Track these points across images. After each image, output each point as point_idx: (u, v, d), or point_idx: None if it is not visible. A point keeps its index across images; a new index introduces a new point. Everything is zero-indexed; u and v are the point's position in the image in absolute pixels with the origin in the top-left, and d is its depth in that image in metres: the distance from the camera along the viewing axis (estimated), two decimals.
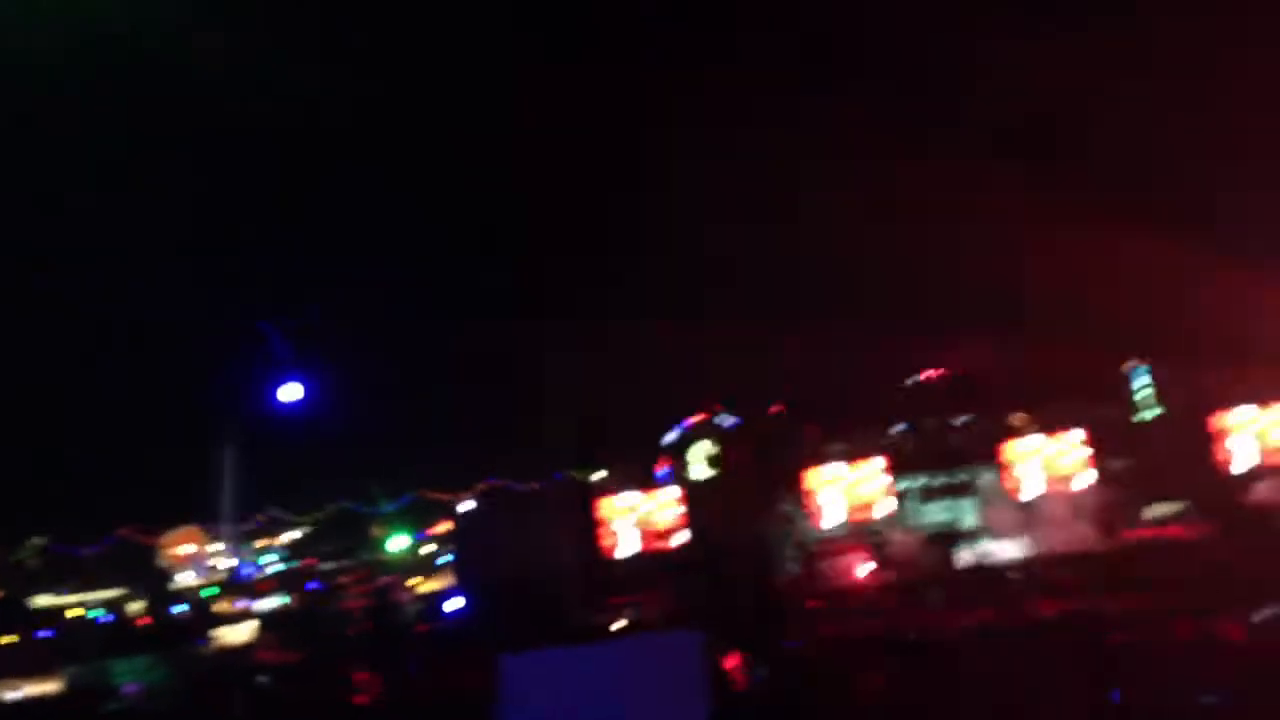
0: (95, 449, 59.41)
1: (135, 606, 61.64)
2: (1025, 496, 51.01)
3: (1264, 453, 49.94)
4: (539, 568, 50.41)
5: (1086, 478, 50.66)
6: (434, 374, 66.05)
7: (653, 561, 52.80)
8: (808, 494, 53.22)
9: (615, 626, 48.80)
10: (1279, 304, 47.08)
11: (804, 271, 64.01)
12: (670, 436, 67.66)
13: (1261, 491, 47.46)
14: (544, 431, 66.03)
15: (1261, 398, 50.39)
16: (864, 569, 50.42)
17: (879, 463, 53.31)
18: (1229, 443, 49.85)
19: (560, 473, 67.17)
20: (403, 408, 64.58)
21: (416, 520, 62.88)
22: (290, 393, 30.42)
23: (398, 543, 61.11)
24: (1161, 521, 47.52)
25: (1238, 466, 49.62)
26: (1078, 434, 51.79)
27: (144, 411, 60.80)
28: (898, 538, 51.41)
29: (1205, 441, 49.63)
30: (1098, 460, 50.98)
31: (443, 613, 48.52)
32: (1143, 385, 56.67)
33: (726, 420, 67.28)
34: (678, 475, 64.88)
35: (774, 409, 65.34)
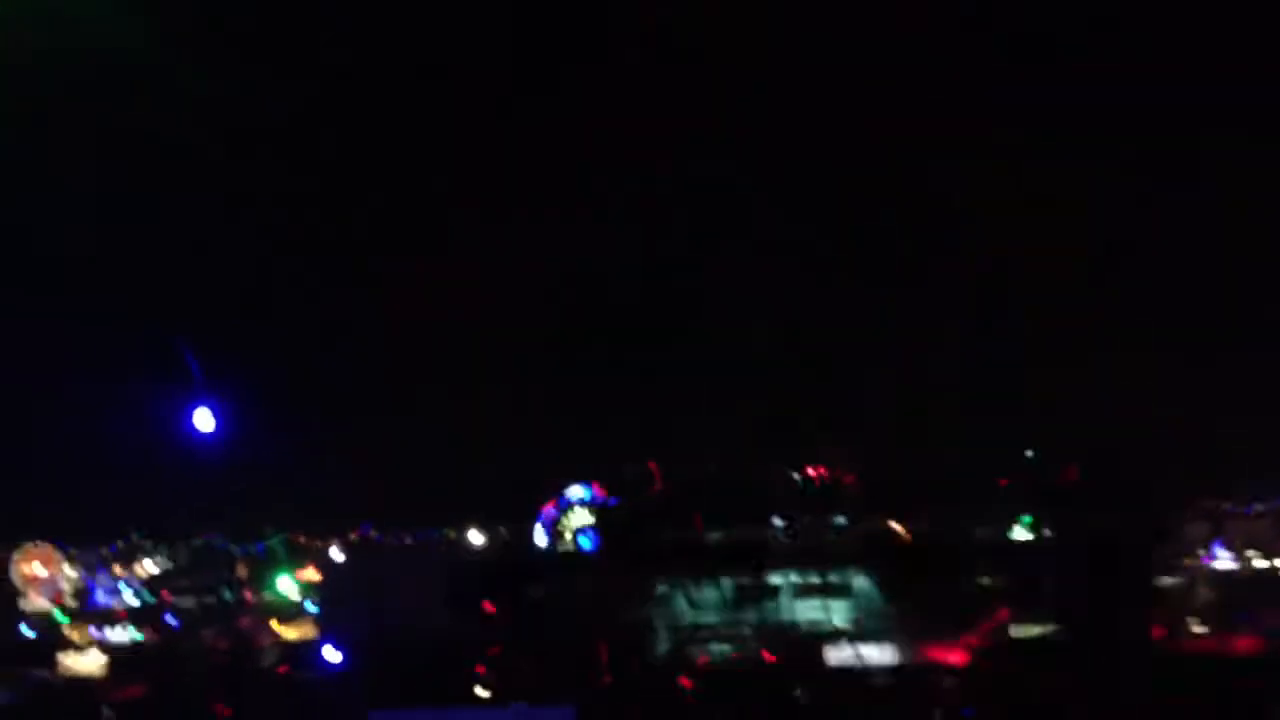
0: None
1: None
2: (898, 602, 51.92)
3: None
4: (409, 624, 49.78)
5: (959, 589, 51.78)
6: (315, 414, 64.97)
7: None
8: (681, 578, 53.43)
9: (482, 691, 48.55)
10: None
11: (693, 358, 65.13)
12: (550, 508, 67.59)
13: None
14: (421, 486, 65.39)
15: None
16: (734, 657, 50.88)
17: (755, 555, 53.83)
18: (1108, 568, 51.23)
19: (435, 530, 66.56)
20: (278, 447, 63.30)
21: (291, 564, 61.46)
22: (203, 420, 29.37)
23: (284, 583, 59.58)
24: (1030, 640, 48.90)
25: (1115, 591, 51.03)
26: (952, 546, 52.95)
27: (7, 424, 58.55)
28: (769, 630, 51.92)
29: (1082, 565, 50.96)
30: (970, 573, 52.14)
31: (308, 660, 47.51)
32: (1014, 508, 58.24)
33: (607, 497, 67.48)
34: (555, 546, 64.75)
35: (655, 489, 65.76)
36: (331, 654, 44.98)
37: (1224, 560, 57.52)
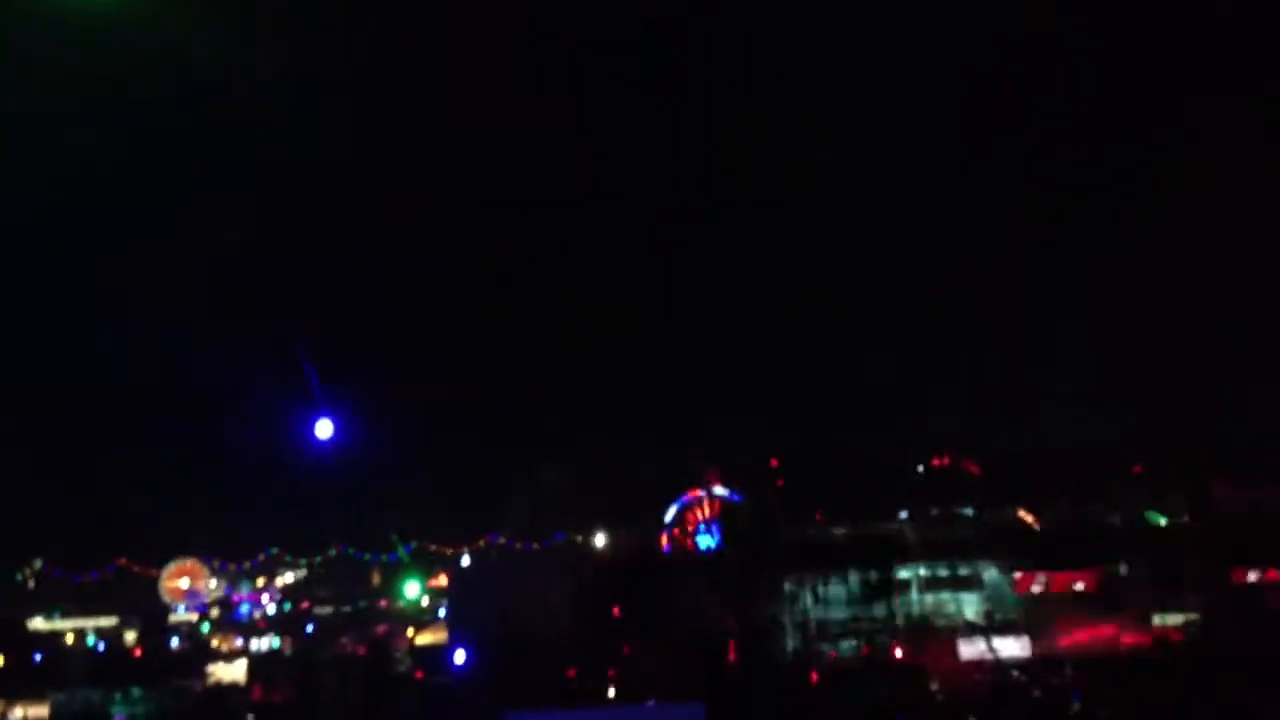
0: (104, 476, 59.42)
1: (129, 636, 61.24)
2: (1028, 594, 50.89)
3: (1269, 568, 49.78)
4: (536, 628, 50.34)
5: (1091, 580, 50.58)
6: (442, 427, 66.29)
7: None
8: (809, 575, 53.03)
9: (611, 692, 48.78)
10: None
11: (818, 351, 64.88)
12: (672, 508, 67.76)
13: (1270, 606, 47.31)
14: (545, 491, 66.17)
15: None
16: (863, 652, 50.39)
17: (882, 549, 53.22)
18: (1232, 556, 49.59)
19: (560, 534, 67.29)
20: (410, 458, 64.65)
21: (418, 571, 62.77)
22: (323, 429, 30.04)
23: (412, 589, 60.91)
24: (1169, 630, 47.50)
25: (1247, 579, 49.33)
26: (1082, 536, 51.72)
27: (153, 441, 60.88)
28: (898, 624, 51.31)
29: (1214, 553, 49.36)
30: (1104, 564, 50.83)
31: (441, 664, 48.34)
32: (1147, 494, 56.68)
33: (729, 495, 67.36)
34: (678, 546, 64.94)
35: (777, 486, 65.44)
36: (461, 657, 45.74)
37: None
